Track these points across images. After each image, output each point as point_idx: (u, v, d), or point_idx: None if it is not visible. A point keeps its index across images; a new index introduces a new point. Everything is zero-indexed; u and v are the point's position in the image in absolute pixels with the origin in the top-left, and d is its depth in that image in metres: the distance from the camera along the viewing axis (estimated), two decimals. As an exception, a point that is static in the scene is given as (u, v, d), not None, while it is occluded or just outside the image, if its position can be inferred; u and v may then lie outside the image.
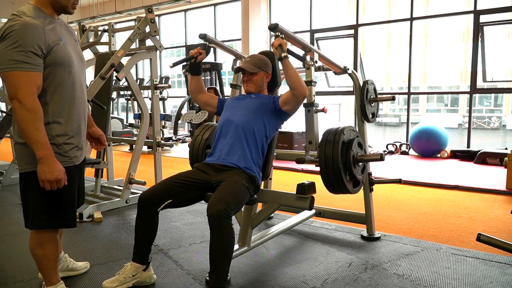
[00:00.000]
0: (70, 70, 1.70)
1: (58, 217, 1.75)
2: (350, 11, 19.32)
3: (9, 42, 1.52)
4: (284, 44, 2.06)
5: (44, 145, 1.58)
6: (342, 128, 2.22)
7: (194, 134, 2.65)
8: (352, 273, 2.26)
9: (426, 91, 25.48)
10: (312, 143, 2.22)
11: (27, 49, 1.53)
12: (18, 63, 1.52)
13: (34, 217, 1.71)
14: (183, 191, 2.07)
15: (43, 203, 1.70)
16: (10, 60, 1.52)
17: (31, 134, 1.56)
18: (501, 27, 20.25)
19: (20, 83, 1.54)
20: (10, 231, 3.05)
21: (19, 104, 1.55)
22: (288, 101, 2.22)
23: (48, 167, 1.59)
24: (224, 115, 2.37)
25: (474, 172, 5.23)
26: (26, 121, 1.56)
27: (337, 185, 2.17)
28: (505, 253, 2.43)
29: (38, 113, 1.57)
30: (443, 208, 3.63)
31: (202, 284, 2.13)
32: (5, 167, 5.11)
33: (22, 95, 1.54)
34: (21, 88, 1.54)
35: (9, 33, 1.53)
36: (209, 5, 10.30)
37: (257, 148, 2.24)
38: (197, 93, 2.48)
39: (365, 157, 2.27)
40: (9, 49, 1.52)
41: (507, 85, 10.33)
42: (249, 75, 2.37)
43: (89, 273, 2.27)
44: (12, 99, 1.56)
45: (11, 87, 1.55)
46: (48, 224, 1.74)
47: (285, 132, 6.36)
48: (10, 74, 1.53)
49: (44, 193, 1.67)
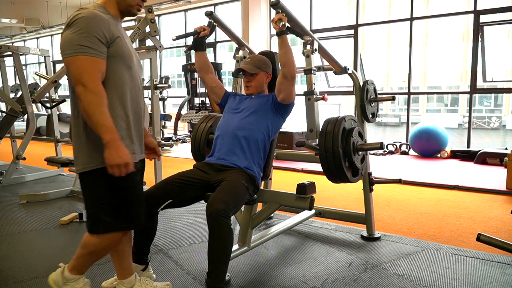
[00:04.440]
0: (130, 66, 1.67)
1: (123, 219, 1.65)
2: (350, 11, 19.34)
3: (75, 29, 1.51)
4: (284, 19, 2.04)
5: (111, 129, 1.52)
6: (343, 116, 2.21)
7: (197, 124, 2.64)
8: (352, 273, 2.26)
9: (426, 91, 25.49)
10: (313, 131, 2.20)
11: (93, 35, 1.52)
12: (83, 47, 1.50)
13: (99, 220, 1.62)
14: (183, 191, 2.06)
15: (108, 204, 1.62)
16: (76, 45, 1.50)
17: (97, 117, 1.49)
18: (501, 27, 20.27)
19: (85, 67, 1.51)
20: (10, 231, 3.05)
21: (83, 88, 1.49)
22: (280, 86, 2.22)
23: (116, 151, 1.51)
24: (225, 115, 2.37)
25: (474, 172, 5.23)
26: (93, 104, 1.49)
27: (336, 172, 2.12)
28: (505, 253, 2.43)
29: (103, 97, 1.52)
30: (443, 208, 3.63)
31: (202, 284, 2.13)
32: (5, 167, 5.11)
33: (87, 79, 1.50)
34: (86, 72, 1.50)
35: (75, 20, 1.52)
36: (209, 5, 10.29)
37: (258, 148, 2.23)
38: (205, 72, 2.44)
39: (365, 146, 2.25)
40: (75, 35, 1.51)
41: (507, 85, 10.33)
42: (249, 76, 2.37)
43: (89, 273, 2.27)
44: (76, 84, 1.51)
45: (75, 71, 1.51)
46: (112, 227, 1.64)
47: (285, 132, 6.36)
48: (75, 59, 1.51)
49: (109, 192, 1.60)
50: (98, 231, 1.64)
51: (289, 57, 2.13)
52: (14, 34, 14.27)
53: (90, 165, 1.60)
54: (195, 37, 2.35)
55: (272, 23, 2.09)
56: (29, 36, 14.87)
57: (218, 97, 2.48)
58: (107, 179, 1.57)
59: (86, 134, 1.59)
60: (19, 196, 3.91)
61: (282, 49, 2.12)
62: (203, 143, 2.53)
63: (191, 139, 2.61)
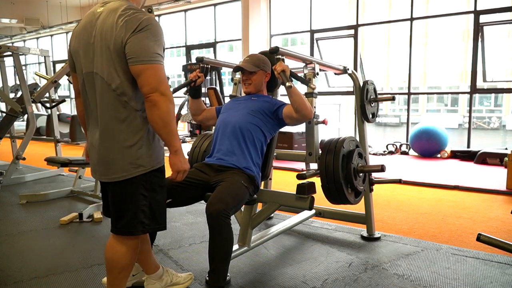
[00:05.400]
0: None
1: (157, 220, 1.68)
2: (350, 11, 19.34)
3: (149, 35, 1.51)
4: (287, 69, 2.06)
5: (178, 137, 1.60)
6: (343, 139, 2.22)
7: (193, 145, 2.65)
8: (352, 273, 2.26)
9: (426, 91, 25.48)
10: (312, 154, 2.24)
11: (163, 44, 1.56)
12: (159, 56, 1.52)
13: (138, 222, 1.62)
14: (182, 191, 2.06)
15: (147, 207, 1.63)
16: (154, 53, 1.51)
17: (173, 126, 1.55)
18: (501, 27, 20.27)
19: (162, 76, 1.53)
20: (10, 231, 3.05)
21: (163, 97, 1.51)
22: (292, 118, 2.22)
23: (183, 158, 1.62)
24: (223, 116, 2.37)
25: (474, 172, 5.23)
26: (170, 113, 1.53)
27: (338, 198, 2.22)
28: (505, 253, 2.43)
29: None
30: (443, 208, 3.63)
31: (202, 284, 2.13)
32: (5, 167, 5.11)
33: (165, 88, 1.52)
34: (164, 81, 1.53)
35: (148, 25, 1.51)
36: (209, 5, 10.29)
37: (255, 148, 2.23)
38: (198, 115, 2.50)
39: (366, 168, 2.29)
40: (152, 42, 1.51)
41: (507, 85, 10.34)
42: (248, 75, 2.37)
43: (89, 273, 2.27)
44: (153, 91, 1.50)
45: (153, 79, 1.50)
46: (149, 228, 1.67)
47: (285, 132, 6.36)
48: (152, 67, 1.51)
49: (149, 194, 1.63)
50: (137, 232, 1.64)
51: (303, 103, 2.11)
52: (14, 34, 14.26)
53: (136, 170, 1.58)
54: (192, 85, 2.37)
55: (275, 72, 2.09)
56: (29, 36, 14.86)
57: (213, 117, 2.49)
58: (148, 182, 1.61)
59: (137, 139, 1.57)
60: (19, 196, 3.91)
61: (292, 98, 2.11)
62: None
63: (188, 156, 2.62)
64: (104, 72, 1.53)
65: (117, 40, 1.50)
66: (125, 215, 1.61)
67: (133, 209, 1.61)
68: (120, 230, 1.64)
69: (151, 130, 1.61)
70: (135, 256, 1.71)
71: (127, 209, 1.61)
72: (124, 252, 1.65)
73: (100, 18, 1.55)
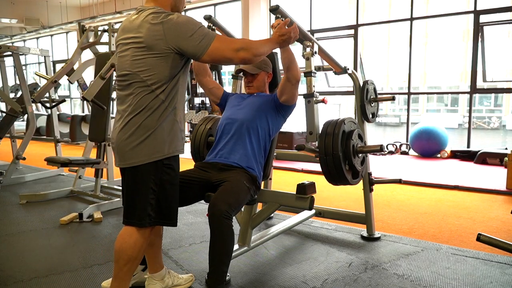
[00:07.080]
0: (188, 66, 1.81)
1: (164, 215, 1.75)
2: (350, 11, 19.32)
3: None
4: (287, 34, 2.02)
5: (266, 43, 1.83)
6: (343, 119, 2.21)
7: (197, 125, 2.64)
8: (352, 273, 2.26)
9: (426, 91, 25.47)
10: (313, 133, 2.19)
11: None
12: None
13: (146, 215, 1.70)
14: (183, 189, 2.05)
15: (155, 200, 1.70)
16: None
17: (261, 49, 1.77)
18: (501, 27, 20.27)
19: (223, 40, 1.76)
20: (10, 231, 3.05)
21: (240, 53, 1.70)
22: (284, 88, 2.21)
23: (278, 36, 1.89)
24: (227, 113, 2.36)
25: (474, 172, 5.23)
26: (253, 49, 1.73)
27: (336, 175, 2.12)
28: (505, 253, 2.43)
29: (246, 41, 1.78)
30: (443, 208, 3.63)
31: (202, 284, 2.13)
32: (5, 167, 5.11)
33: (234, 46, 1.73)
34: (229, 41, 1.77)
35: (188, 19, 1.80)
36: (209, 5, 10.30)
37: (259, 146, 2.23)
38: (202, 75, 2.42)
39: (365, 148, 2.25)
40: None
41: (507, 85, 10.33)
42: (250, 77, 2.37)
43: (88, 273, 2.27)
44: (233, 55, 1.72)
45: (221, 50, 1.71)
46: (156, 221, 1.73)
47: (285, 132, 6.36)
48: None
49: (157, 188, 1.70)
50: (144, 224, 1.71)
51: (292, 61, 2.11)
52: (14, 34, 14.26)
53: (145, 158, 1.67)
54: None
55: (272, 29, 2.08)
56: (29, 36, 14.86)
57: (217, 97, 2.47)
58: (158, 175, 1.70)
59: (157, 126, 1.67)
60: (19, 196, 3.91)
61: (284, 54, 2.11)
62: (203, 145, 2.53)
63: (190, 141, 2.60)
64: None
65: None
66: (136, 207, 1.70)
67: (142, 201, 1.69)
68: (130, 221, 1.73)
69: (169, 120, 1.70)
70: (142, 250, 1.75)
71: (137, 200, 1.70)
72: (132, 243, 1.71)
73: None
